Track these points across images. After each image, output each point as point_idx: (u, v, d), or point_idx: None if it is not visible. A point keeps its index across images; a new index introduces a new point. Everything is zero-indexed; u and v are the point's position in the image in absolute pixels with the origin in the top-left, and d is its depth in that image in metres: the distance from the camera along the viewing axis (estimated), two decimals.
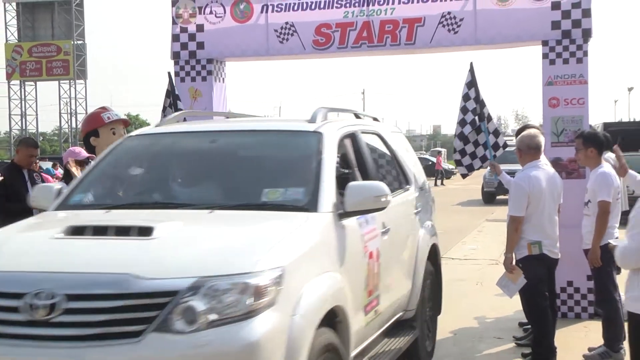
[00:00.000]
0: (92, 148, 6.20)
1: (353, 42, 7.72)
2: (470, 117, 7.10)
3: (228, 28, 8.05)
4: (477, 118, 7.09)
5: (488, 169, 8.85)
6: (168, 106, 7.73)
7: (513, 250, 5.87)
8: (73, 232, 3.78)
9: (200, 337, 3.18)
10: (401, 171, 5.92)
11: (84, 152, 6.53)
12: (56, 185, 4.82)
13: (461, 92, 7.20)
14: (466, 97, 7.13)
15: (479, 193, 24.33)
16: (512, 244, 5.84)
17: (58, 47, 52.07)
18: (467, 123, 7.11)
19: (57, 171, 22.08)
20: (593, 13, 7.17)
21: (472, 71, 7.15)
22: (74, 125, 53.30)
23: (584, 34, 7.17)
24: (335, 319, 3.87)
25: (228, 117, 6.41)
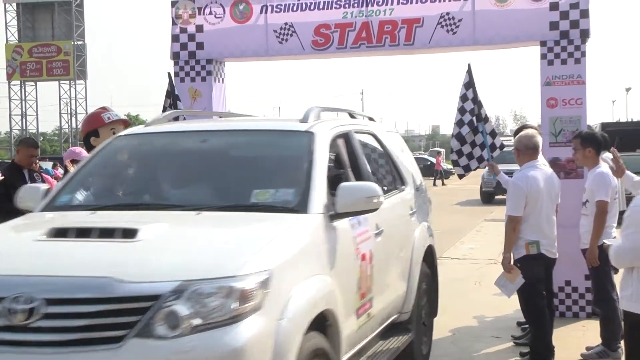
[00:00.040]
0: (93, 148, 6.21)
1: (352, 43, 7.74)
2: (468, 118, 7.11)
3: (227, 28, 8.07)
4: (475, 119, 7.11)
5: (486, 169, 8.86)
6: (168, 106, 7.71)
7: (511, 249, 5.88)
8: (56, 234, 3.67)
9: (183, 343, 3.09)
10: (396, 171, 5.83)
11: (85, 153, 6.55)
12: (43, 185, 4.73)
13: (459, 93, 7.22)
14: (464, 98, 7.14)
15: (478, 193, 24.30)
16: (510, 244, 5.86)
17: (58, 48, 52.11)
18: (465, 124, 7.12)
19: (57, 171, 22.06)
20: (591, 14, 7.20)
21: (470, 72, 7.16)
22: (74, 125, 53.32)
23: (582, 35, 7.19)
24: (325, 323, 3.79)
25: (221, 117, 6.34)
